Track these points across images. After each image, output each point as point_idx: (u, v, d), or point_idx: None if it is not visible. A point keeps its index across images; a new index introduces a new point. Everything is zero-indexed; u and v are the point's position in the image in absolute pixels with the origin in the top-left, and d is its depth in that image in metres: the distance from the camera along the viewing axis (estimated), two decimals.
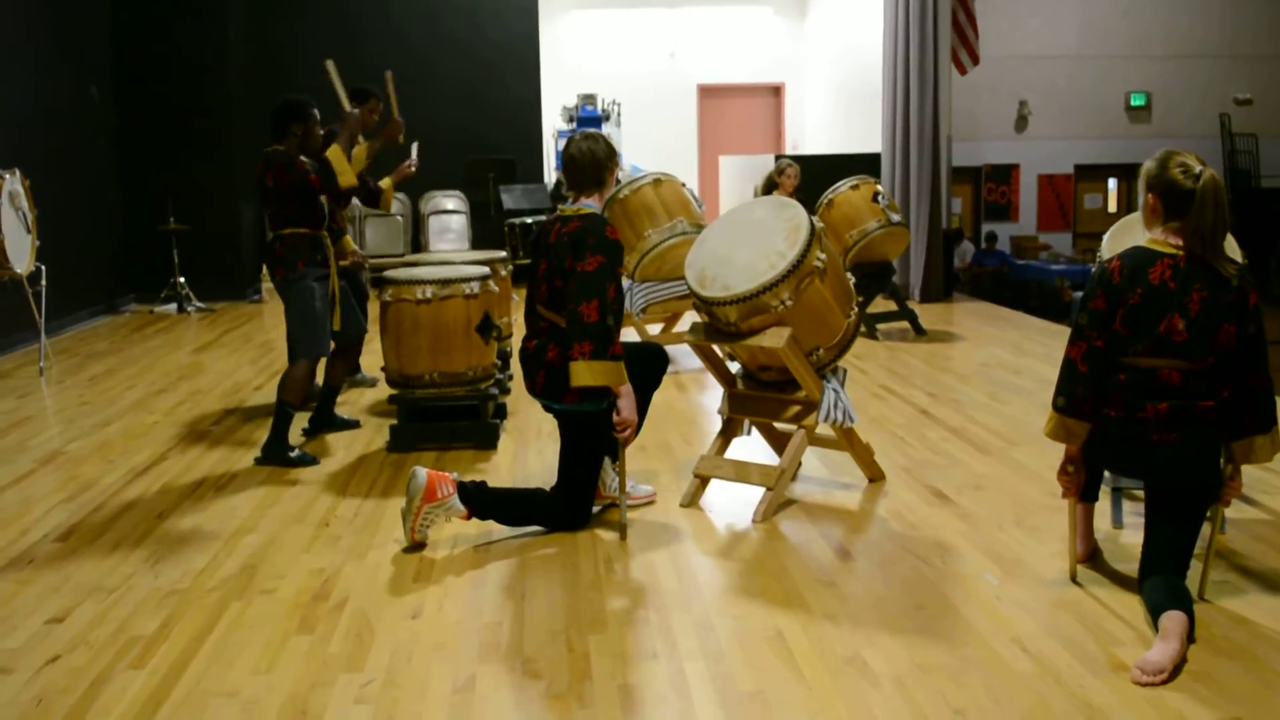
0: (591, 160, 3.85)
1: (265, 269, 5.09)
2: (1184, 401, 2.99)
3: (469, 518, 3.78)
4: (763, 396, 4.24)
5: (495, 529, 3.90)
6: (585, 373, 3.63)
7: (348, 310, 5.29)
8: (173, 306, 9.90)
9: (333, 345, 5.19)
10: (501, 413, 5.53)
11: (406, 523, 3.73)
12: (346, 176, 4.87)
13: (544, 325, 3.86)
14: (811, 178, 8.18)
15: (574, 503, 3.89)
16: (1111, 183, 15.77)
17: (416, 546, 3.76)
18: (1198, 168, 3.00)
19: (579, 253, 3.69)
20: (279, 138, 4.94)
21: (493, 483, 3.94)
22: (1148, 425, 3.02)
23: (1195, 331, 2.96)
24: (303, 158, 4.92)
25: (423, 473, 3.72)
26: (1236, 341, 2.98)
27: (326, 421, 5.40)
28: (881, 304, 8.14)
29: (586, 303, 3.63)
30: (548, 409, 3.94)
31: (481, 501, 3.79)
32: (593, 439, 3.85)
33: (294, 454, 4.85)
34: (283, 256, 4.92)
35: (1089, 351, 3.07)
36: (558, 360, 3.75)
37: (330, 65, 5.23)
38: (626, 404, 3.72)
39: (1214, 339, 2.96)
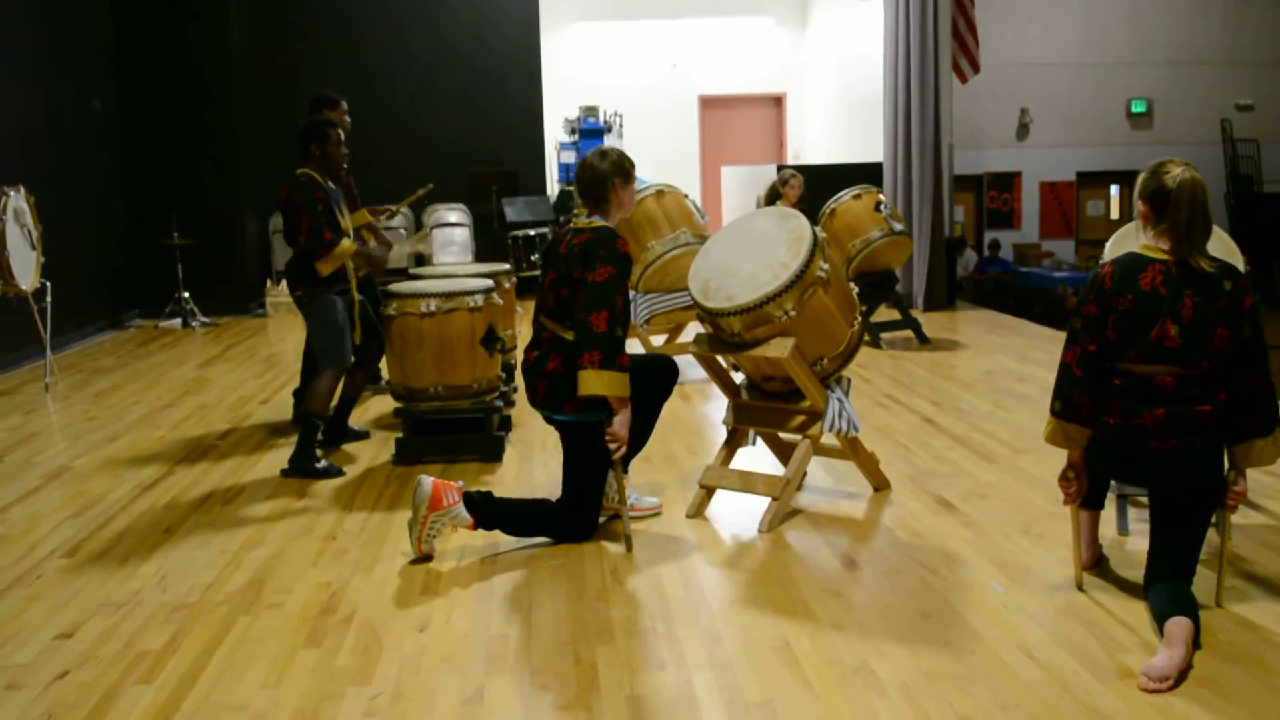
0: (592, 177, 3.85)
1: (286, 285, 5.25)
2: (1180, 407, 3.00)
3: (475, 527, 3.78)
4: (767, 407, 4.25)
5: (502, 541, 3.90)
6: (594, 381, 3.65)
7: (366, 323, 5.30)
8: (177, 321, 9.93)
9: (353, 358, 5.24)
10: (506, 425, 5.54)
11: (413, 532, 3.74)
12: (327, 266, 4.90)
13: (546, 336, 3.87)
14: (813, 187, 8.19)
15: (579, 513, 3.90)
16: (1114, 189, 15.78)
17: (423, 559, 3.77)
18: (1179, 169, 3.02)
19: (589, 264, 3.70)
20: (303, 159, 5.01)
21: (498, 494, 3.95)
22: (1146, 432, 3.02)
23: (1188, 337, 2.97)
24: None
25: (428, 481, 3.73)
26: (1231, 346, 2.98)
27: (340, 433, 5.41)
28: (885, 313, 8.14)
29: (596, 313, 3.65)
30: (548, 420, 3.95)
31: (487, 511, 3.79)
32: (595, 450, 3.84)
33: (321, 465, 4.87)
34: (302, 272, 4.96)
35: (1083, 356, 3.08)
36: (559, 371, 3.77)
37: (429, 187, 6.52)
38: (621, 419, 3.73)
39: (1207, 344, 2.97)
